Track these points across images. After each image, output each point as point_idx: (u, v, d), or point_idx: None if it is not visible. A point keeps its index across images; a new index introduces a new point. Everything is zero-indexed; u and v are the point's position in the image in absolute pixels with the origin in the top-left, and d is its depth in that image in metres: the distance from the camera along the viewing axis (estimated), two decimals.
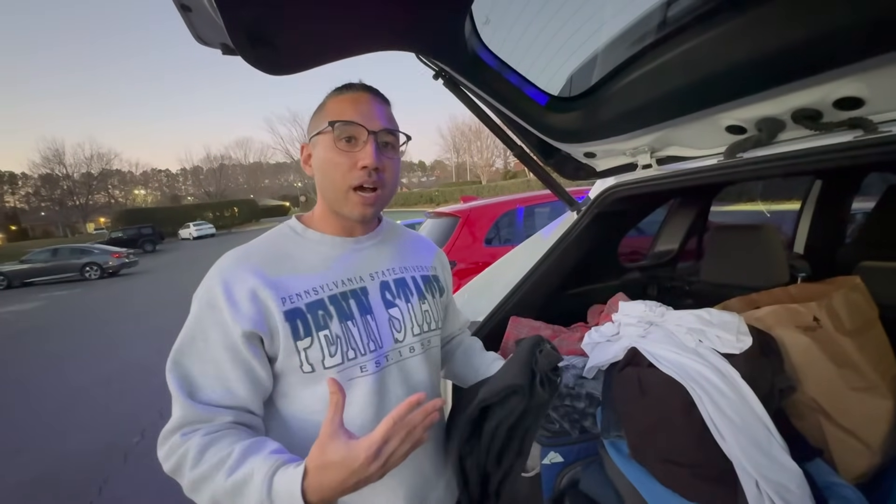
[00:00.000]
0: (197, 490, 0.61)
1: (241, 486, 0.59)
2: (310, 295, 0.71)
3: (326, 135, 0.73)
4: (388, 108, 0.79)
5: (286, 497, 0.57)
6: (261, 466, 0.59)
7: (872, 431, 0.84)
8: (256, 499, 0.57)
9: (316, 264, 0.75)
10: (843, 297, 0.91)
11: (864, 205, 2.15)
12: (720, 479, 0.71)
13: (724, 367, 0.82)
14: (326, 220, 0.79)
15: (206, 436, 0.63)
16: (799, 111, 0.80)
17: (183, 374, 0.66)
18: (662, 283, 1.65)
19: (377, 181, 0.74)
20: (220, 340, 0.66)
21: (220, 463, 0.60)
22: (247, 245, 0.76)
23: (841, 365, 0.87)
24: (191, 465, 0.61)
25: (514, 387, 0.65)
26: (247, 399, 0.67)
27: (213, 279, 0.69)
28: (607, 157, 1.29)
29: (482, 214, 4.03)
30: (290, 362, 0.69)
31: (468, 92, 1.20)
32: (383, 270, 0.81)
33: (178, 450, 0.62)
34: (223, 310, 0.66)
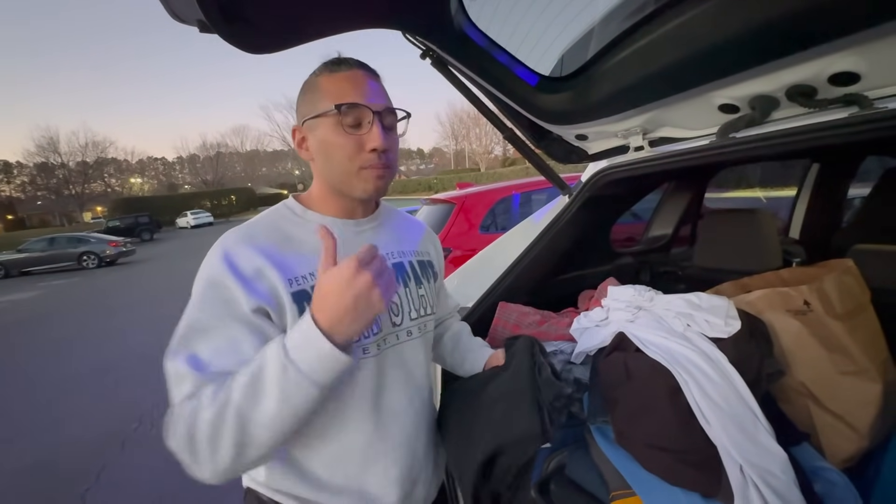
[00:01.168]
0: (218, 431, 0.56)
1: (258, 373, 0.57)
2: (315, 277, 0.70)
3: (330, 118, 0.71)
4: (382, 85, 0.77)
5: (303, 342, 0.57)
6: (271, 344, 0.59)
7: (861, 416, 0.83)
8: (276, 367, 0.56)
9: (318, 246, 0.72)
10: (835, 280, 0.89)
11: (862, 190, 2.12)
12: (704, 465, 0.70)
13: (712, 352, 0.80)
14: (326, 202, 0.78)
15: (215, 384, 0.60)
16: (793, 88, 0.77)
17: (191, 357, 0.62)
18: (655, 268, 1.64)
19: (386, 161, 0.74)
20: (231, 314, 0.63)
21: (232, 381, 0.58)
22: (247, 225, 0.74)
23: (831, 349, 0.86)
24: (206, 405, 0.57)
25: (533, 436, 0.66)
26: None
27: (216, 258, 0.67)
28: (599, 140, 1.26)
29: (478, 201, 4.00)
30: None
31: (457, 72, 1.17)
32: (383, 254, 0.80)
33: (189, 407, 0.58)
34: (231, 287, 0.64)
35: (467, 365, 0.96)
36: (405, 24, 1.02)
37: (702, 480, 0.70)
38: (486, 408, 0.77)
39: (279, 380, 0.56)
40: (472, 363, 0.96)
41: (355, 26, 0.95)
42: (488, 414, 0.75)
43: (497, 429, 0.73)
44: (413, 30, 1.04)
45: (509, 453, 0.71)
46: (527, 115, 1.24)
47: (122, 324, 6.38)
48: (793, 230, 2.09)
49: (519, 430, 0.69)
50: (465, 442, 0.76)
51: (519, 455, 0.70)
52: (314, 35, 0.90)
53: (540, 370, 0.74)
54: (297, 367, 0.56)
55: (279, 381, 0.56)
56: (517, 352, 0.82)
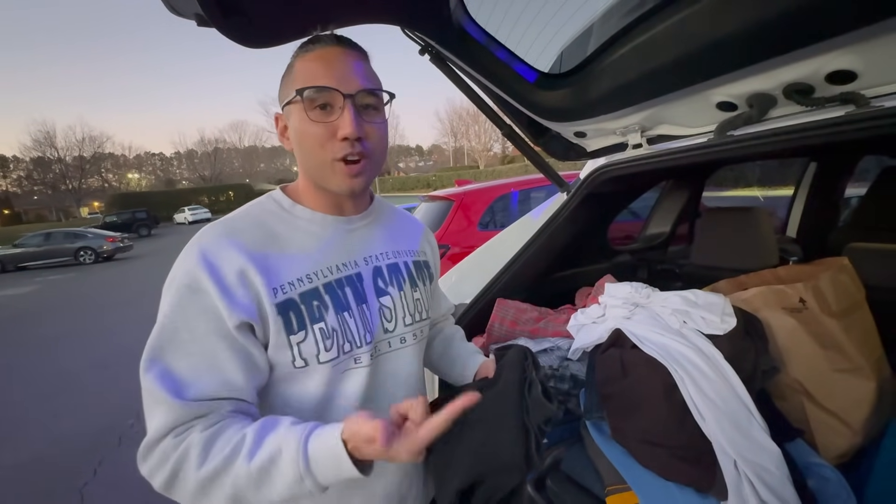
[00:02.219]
0: (208, 491, 0.53)
1: (269, 467, 0.53)
2: (303, 283, 0.64)
3: (297, 104, 0.64)
4: (364, 63, 0.68)
5: (328, 458, 0.52)
6: (288, 439, 0.54)
7: (855, 413, 0.84)
8: (292, 474, 0.52)
9: (307, 246, 0.68)
10: (830, 278, 0.90)
11: (860, 190, 2.13)
12: (699, 460, 0.71)
13: (707, 349, 0.81)
14: (313, 196, 0.71)
15: (206, 430, 0.55)
16: (791, 86, 0.77)
17: (165, 372, 0.57)
18: (653, 265, 1.64)
19: (362, 151, 0.65)
20: (212, 328, 0.58)
21: (234, 451, 0.53)
22: (227, 219, 0.66)
23: (826, 346, 0.86)
24: (196, 464, 0.53)
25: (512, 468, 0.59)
26: (245, 389, 0.60)
27: (193, 259, 0.60)
28: (598, 137, 1.26)
29: (477, 198, 4.00)
30: (280, 357, 0.62)
31: (455, 68, 1.17)
32: (377, 255, 0.74)
33: (174, 453, 0.54)
34: (212, 294, 0.58)
35: (456, 371, 0.89)
36: (404, 19, 1.01)
37: (696, 475, 0.70)
38: (469, 427, 0.66)
39: (291, 485, 0.53)
40: (462, 370, 0.88)
41: (354, 21, 0.95)
42: (470, 434, 0.66)
43: (478, 455, 0.65)
44: (412, 25, 1.04)
45: (489, 483, 0.64)
46: (525, 111, 1.24)
47: (119, 320, 6.36)
48: (790, 229, 2.11)
49: (501, 459, 0.62)
50: (444, 465, 0.69)
51: (499, 486, 0.63)
52: (311, 30, 0.90)
53: (530, 388, 0.67)
54: (315, 480, 0.53)
55: (291, 486, 0.53)
56: (506, 365, 0.74)
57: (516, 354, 0.74)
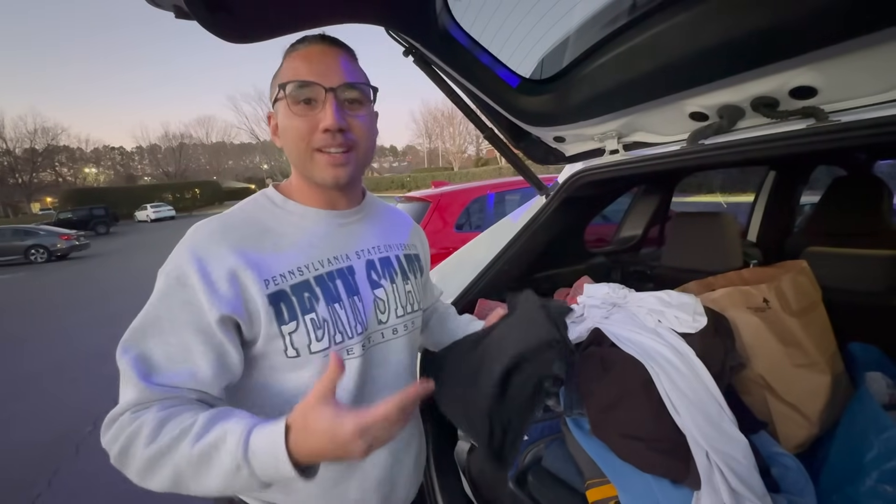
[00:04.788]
0: (152, 470, 0.54)
1: (211, 453, 0.53)
2: (294, 276, 0.66)
3: (282, 101, 0.67)
4: (350, 60, 0.70)
5: (267, 456, 0.52)
6: (234, 428, 0.54)
7: (812, 405, 0.90)
8: (230, 463, 0.52)
9: (299, 240, 0.69)
10: (791, 279, 0.96)
11: (814, 198, 2.28)
12: (674, 452, 0.74)
13: (681, 346, 0.85)
14: (305, 192, 0.73)
15: (162, 410, 0.57)
16: (758, 99, 0.82)
17: (140, 356, 0.59)
18: (626, 267, 1.70)
19: (345, 143, 0.67)
20: (191, 321, 0.60)
21: (183, 433, 0.54)
22: (222, 217, 0.68)
23: (787, 343, 0.92)
24: (145, 442, 0.54)
25: (552, 341, 0.63)
26: (211, 384, 0.61)
27: (184, 255, 0.61)
28: (576, 142, 1.30)
29: (453, 200, 4.02)
30: (273, 347, 0.64)
31: (439, 71, 1.18)
32: (369, 248, 0.77)
33: (128, 428, 0.56)
34: (197, 289, 0.60)
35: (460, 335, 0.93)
36: (389, 20, 1.02)
37: (671, 467, 0.74)
38: (497, 340, 0.76)
39: (228, 474, 0.53)
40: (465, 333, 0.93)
41: (338, 20, 0.95)
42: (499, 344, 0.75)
43: (518, 342, 0.71)
44: (397, 26, 1.04)
45: (531, 360, 0.69)
46: (507, 115, 1.26)
47: (76, 322, 6.02)
48: (750, 233, 2.23)
49: (537, 338, 0.67)
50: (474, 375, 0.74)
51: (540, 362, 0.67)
52: (295, 27, 0.89)
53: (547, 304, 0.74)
54: (252, 471, 0.52)
55: (227, 474, 0.53)
56: (521, 300, 0.81)
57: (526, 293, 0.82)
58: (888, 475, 0.76)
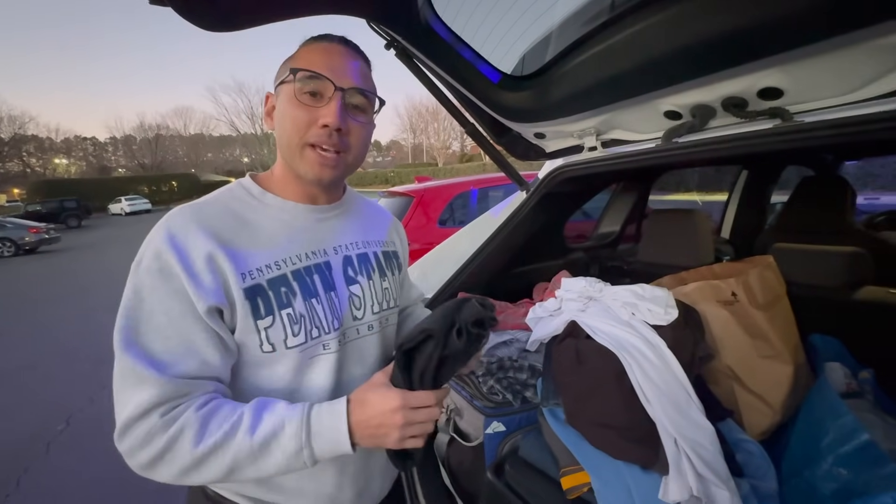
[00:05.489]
0: (203, 466, 0.56)
1: (270, 441, 0.57)
2: (271, 270, 0.65)
3: (289, 84, 0.66)
4: (364, 67, 0.71)
5: (330, 431, 0.58)
6: (290, 414, 0.59)
7: (776, 394, 0.94)
8: (293, 446, 0.57)
9: (276, 234, 0.69)
10: (758, 274, 1.00)
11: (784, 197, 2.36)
12: (644, 439, 0.77)
13: (653, 338, 0.87)
14: (287, 184, 0.72)
15: (201, 408, 0.58)
16: (728, 99, 0.85)
17: (144, 353, 0.57)
18: (604, 262, 1.74)
19: (339, 144, 0.67)
20: (186, 310, 0.59)
21: (234, 427, 0.57)
22: (195, 204, 0.67)
23: (753, 335, 0.96)
24: (194, 441, 0.56)
25: (428, 331, 0.62)
26: (221, 369, 0.62)
27: (161, 243, 0.60)
28: (556, 139, 1.32)
29: (436, 195, 4.02)
30: (248, 341, 0.64)
31: (421, 65, 1.18)
32: (347, 244, 0.77)
33: (164, 432, 0.55)
34: (181, 278, 0.59)
35: None
36: (371, 12, 1.01)
37: (642, 453, 0.76)
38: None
39: (290, 458, 0.58)
40: None
41: (320, 11, 0.94)
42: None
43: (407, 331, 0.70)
44: (378, 19, 1.04)
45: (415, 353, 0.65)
46: (488, 111, 1.27)
47: (48, 318, 5.80)
48: (724, 230, 2.30)
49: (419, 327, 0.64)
50: None
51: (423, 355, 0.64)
52: (274, 16, 0.88)
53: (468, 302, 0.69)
54: (312, 452, 0.58)
55: (289, 459, 0.58)
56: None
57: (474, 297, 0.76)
58: (843, 459, 0.80)
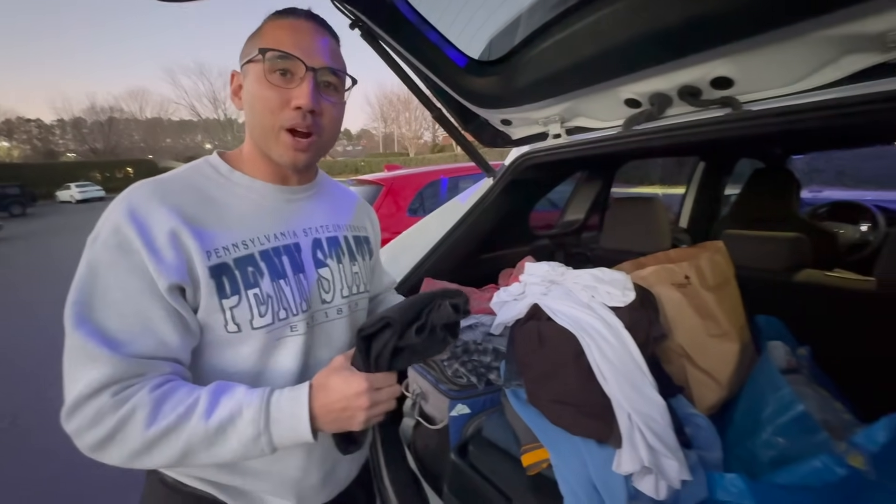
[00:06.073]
0: (154, 448, 0.54)
1: (226, 426, 0.55)
2: (238, 249, 0.64)
3: (257, 64, 0.64)
4: (333, 43, 0.70)
5: (290, 419, 0.57)
6: (249, 400, 0.57)
7: (723, 371, 1.00)
8: (251, 433, 0.56)
9: (245, 214, 0.67)
10: (709, 258, 1.05)
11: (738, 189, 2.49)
12: (600, 415, 0.80)
13: (611, 319, 0.90)
14: (256, 163, 0.71)
15: (155, 390, 0.55)
16: (683, 88, 0.88)
17: (98, 330, 0.55)
18: (568, 249, 1.78)
19: (312, 125, 0.66)
20: (145, 288, 0.57)
21: (189, 410, 0.55)
22: (158, 179, 0.64)
23: (704, 316, 1.01)
24: (145, 423, 0.53)
25: (388, 319, 0.62)
26: (180, 350, 0.60)
27: (121, 217, 0.58)
28: (522, 126, 1.33)
29: (406, 184, 4.00)
30: (212, 320, 0.62)
31: (387, 46, 1.16)
32: (317, 227, 0.76)
33: (114, 412, 0.53)
34: (142, 254, 0.57)
35: None
36: None
37: (598, 428, 0.79)
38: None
39: (246, 445, 0.56)
40: None
41: None
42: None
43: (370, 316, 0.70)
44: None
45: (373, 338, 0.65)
46: (455, 96, 1.27)
47: None
48: (682, 220, 2.40)
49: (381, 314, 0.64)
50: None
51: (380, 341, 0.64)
52: None
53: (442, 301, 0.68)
54: (270, 439, 0.57)
55: (246, 445, 0.56)
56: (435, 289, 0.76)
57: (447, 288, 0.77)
58: (780, 429, 0.86)
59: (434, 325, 0.65)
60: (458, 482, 0.96)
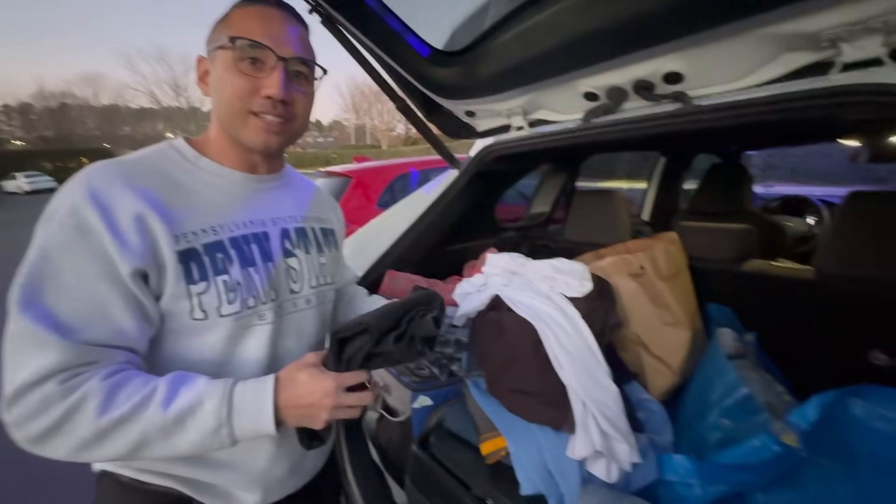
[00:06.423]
0: (106, 439, 0.52)
1: (185, 416, 0.54)
2: (207, 234, 0.62)
3: (227, 51, 0.63)
4: (303, 32, 0.70)
5: (253, 410, 0.56)
6: (210, 390, 0.56)
7: (675, 358, 1.04)
8: (212, 424, 0.54)
9: (213, 201, 0.66)
10: (663, 248, 1.08)
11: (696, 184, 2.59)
12: (556, 403, 0.82)
13: (568, 308, 0.92)
14: (224, 150, 0.70)
15: (108, 378, 0.52)
16: (638, 82, 0.90)
17: (47, 314, 0.51)
18: (534, 241, 1.81)
19: (284, 113, 0.66)
20: (103, 273, 0.54)
21: (145, 400, 0.53)
22: (120, 161, 0.61)
23: (658, 305, 1.05)
24: (97, 412, 0.50)
25: (365, 325, 0.62)
26: (137, 339, 0.57)
27: (79, 197, 0.55)
28: (486, 118, 1.33)
29: (376, 176, 3.94)
30: (178, 307, 0.60)
31: (348, 34, 1.13)
32: (285, 217, 0.75)
33: (62, 400, 0.50)
34: (103, 237, 0.54)
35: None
36: None
37: (554, 416, 0.81)
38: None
39: (206, 436, 0.55)
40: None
41: None
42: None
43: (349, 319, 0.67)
44: None
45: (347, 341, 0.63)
46: (418, 86, 1.25)
47: None
48: (644, 213, 2.47)
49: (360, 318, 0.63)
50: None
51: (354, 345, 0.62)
52: None
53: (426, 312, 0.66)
54: (232, 431, 0.56)
55: (205, 437, 0.55)
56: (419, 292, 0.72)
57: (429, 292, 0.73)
58: (726, 411, 0.90)
59: (413, 336, 0.64)
60: (420, 473, 0.96)
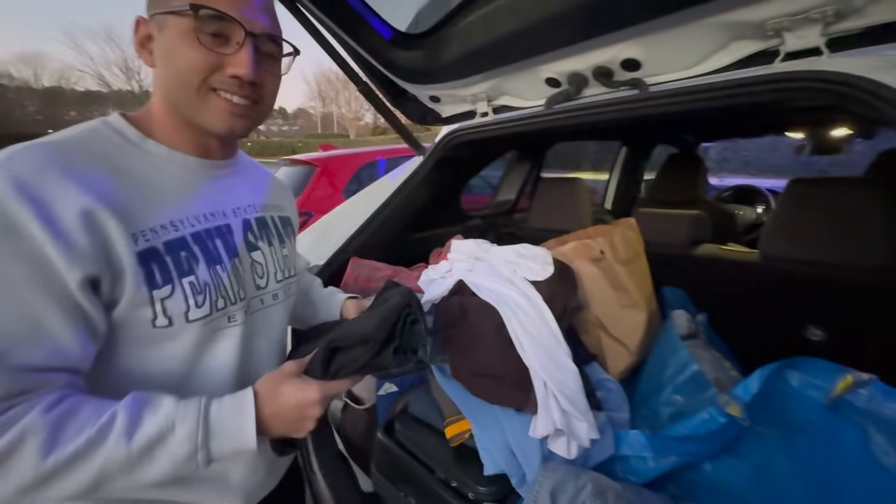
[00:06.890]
0: (54, 481, 0.44)
1: (154, 446, 0.47)
2: (167, 231, 0.55)
3: (183, 19, 0.54)
4: (270, 4, 0.62)
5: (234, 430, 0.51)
6: (182, 413, 0.49)
7: (632, 338, 1.07)
8: (186, 450, 0.48)
9: (167, 191, 0.57)
10: (622, 234, 1.11)
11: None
12: (518, 384, 0.83)
13: (530, 292, 0.94)
14: (173, 131, 0.60)
15: (50, 410, 0.45)
16: (597, 69, 0.92)
17: None
18: (500, 229, 1.82)
19: (251, 95, 0.59)
20: (38, 282, 0.45)
21: (102, 432, 0.45)
22: (49, 144, 0.50)
23: (616, 288, 1.08)
24: (41, 452, 0.43)
25: (368, 337, 0.58)
26: (81, 358, 0.49)
27: (4, 193, 0.45)
28: (451, 103, 1.32)
29: (342, 165, 3.86)
30: (136, 316, 0.53)
31: (308, 13, 1.08)
32: (245, 206, 0.69)
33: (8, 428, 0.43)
34: (37, 239, 0.45)
35: (322, 311, 0.91)
36: None
37: (516, 397, 0.82)
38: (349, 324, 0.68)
39: (179, 464, 0.48)
40: (328, 309, 0.91)
41: None
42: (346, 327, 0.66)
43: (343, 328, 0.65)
44: None
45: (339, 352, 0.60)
46: (381, 68, 1.23)
47: None
48: (607, 202, 2.55)
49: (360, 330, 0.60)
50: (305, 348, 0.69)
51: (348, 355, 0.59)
52: None
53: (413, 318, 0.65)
54: (208, 454, 0.49)
55: (178, 465, 0.48)
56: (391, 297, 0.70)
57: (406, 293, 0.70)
58: (678, 387, 0.94)
59: (406, 348, 0.61)
60: (385, 459, 0.96)
